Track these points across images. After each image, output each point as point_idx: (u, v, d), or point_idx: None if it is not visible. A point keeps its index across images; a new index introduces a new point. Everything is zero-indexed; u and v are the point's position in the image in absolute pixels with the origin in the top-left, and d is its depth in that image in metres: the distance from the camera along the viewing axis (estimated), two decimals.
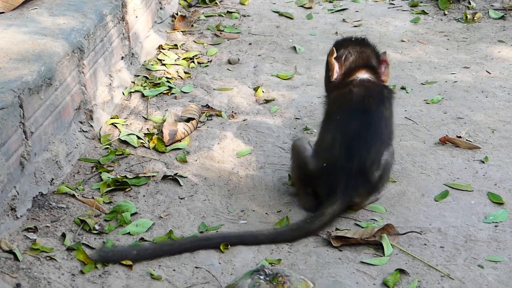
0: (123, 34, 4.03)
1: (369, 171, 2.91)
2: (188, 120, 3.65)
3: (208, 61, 4.48)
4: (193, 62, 4.45)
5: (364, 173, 2.90)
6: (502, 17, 5.08)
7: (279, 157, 3.43)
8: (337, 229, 2.88)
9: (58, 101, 3.16)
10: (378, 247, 2.77)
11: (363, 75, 3.10)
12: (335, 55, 3.15)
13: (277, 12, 5.35)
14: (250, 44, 4.76)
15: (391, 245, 2.77)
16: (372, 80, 3.09)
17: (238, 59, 4.49)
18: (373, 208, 3.03)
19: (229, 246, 2.76)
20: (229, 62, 4.47)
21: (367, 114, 2.99)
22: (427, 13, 5.23)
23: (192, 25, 4.99)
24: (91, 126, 3.49)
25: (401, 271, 2.63)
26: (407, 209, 3.03)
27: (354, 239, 2.79)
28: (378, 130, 2.97)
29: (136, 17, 4.27)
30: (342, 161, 2.90)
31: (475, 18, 5.07)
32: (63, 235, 2.78)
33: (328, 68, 3.18)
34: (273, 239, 2.81)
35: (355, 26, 5.06)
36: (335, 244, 2.78)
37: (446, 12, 5.22)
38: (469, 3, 5.25)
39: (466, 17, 5.08)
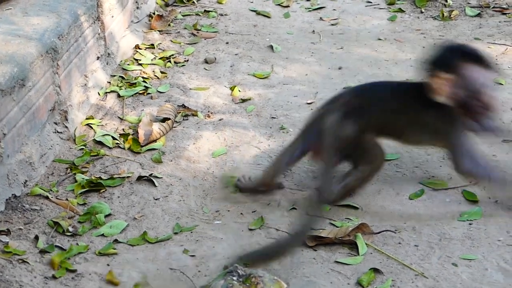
0: (99, 34, 4.01)
1: None
2: (164, 120, 3.64)
3: (185, 61, 4.46)
4: (170, 61, 4.43)
5: None
6: (479, 15, 5.09)
7: (254, 156, 3.42)
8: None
9: (32, 102, 3.13)
10: (353, 246, 2.77)
11: None
12: None
13: (254, 11, 5.33)
14: (227, 43, 4.75)
15: (366, 244, 2.77)
16: None
17: (215, 58, 4.48)
18: (348, 207, 3.04)
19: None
20: (206, 61, 4.46)
21: None
22: (404, 11, 5.24)
23: (169, 25, 4.98)
24: (66, 127, 3.47)
25: (376, 270, 2.63)
26: (382, 208, 3.04)
27: (328, 239, 2.79)
28: None
29: (112, 17, 4.24)
30: None
31: (451, 16, 5.08)
32: (36, 238, 2.76)
33: None
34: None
35: (332, 25, 5.05)
36: (309, 244, 2.78)
37: (423, 10, 5.23)
38: (446, 0, 5.26)
39: (443, 14, 5.10)
